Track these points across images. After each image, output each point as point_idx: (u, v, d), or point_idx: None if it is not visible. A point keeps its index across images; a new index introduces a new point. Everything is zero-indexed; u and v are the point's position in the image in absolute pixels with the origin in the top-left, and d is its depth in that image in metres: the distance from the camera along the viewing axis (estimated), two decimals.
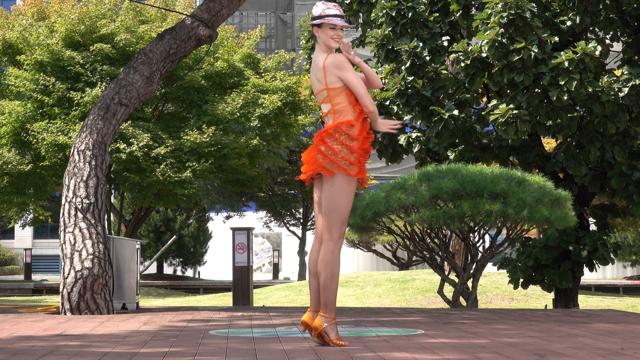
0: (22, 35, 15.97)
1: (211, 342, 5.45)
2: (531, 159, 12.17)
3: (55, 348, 5.08)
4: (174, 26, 9.17)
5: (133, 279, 9.00)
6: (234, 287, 13.18)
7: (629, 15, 11.57)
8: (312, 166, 5.14)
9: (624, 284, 25.80)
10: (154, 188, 15.72)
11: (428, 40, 11.75)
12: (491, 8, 10.58)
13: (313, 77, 5.22)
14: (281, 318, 7.62)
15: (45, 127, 14.83)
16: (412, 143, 12.57)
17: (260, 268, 35.62)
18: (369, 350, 4.89)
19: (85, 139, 8.63)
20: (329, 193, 5.12)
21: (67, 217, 8.39)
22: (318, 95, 5.19)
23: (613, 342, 5.41)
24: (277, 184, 28.16)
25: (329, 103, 5.14)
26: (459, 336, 5.82)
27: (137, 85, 8.89)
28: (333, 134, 5.09)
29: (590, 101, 10.61)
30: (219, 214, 30.79)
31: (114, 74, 15.11)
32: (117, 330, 6.36)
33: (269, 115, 16.03)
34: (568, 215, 9.88)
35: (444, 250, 10.53)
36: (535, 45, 10.39)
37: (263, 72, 17.18)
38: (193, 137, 15.22)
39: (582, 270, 12.33)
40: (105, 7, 16.20)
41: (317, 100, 5.24)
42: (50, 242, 39.87)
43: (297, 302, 17.98)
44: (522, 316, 8.00)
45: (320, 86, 5.17)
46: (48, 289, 26.16)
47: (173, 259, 31.92)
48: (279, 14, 41.47)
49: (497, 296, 17.39)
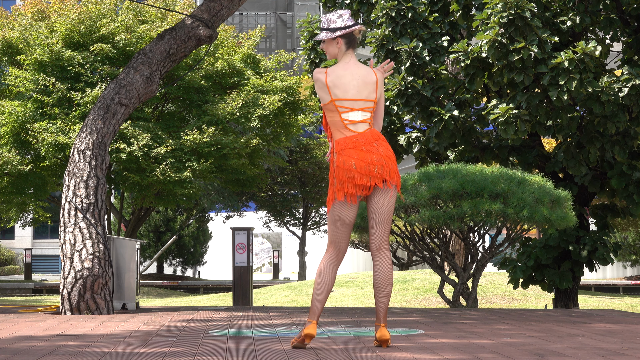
0: (22, 35, 15.98)
1: (211, 342, 5.45)
2: (531, 159, 12.17)
3: (55, 348, 5.08)
4: (174, 26, 9.17)
5: (133, 279, 9.00)
6: (234, 287, 13.18)
7: (629, 15, 11.57)
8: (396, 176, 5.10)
9: (624, 284, 25.81)
10: (154, 188, 15.73)
11: (428, 40, 11.74)
12: (491, 8, 10.58)
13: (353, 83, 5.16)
14: (281, 318, 7.62)
15: (45, 127, 14.83)
16: (412, 143, 12.57)
17: (260, 268, 35.63)
18: (369, 350, 4.89)
19: (85, 139, 8.63)
20: (392, 201, 5.10)
21: (67, 217, 8.39)
22: (359, 103, 5.14)
23: (613, 342, 5.41)
24: (277, 184, 28.18)
25: (369, 113, 5.14)
26: (459, 336, 5.82)
27: (137, 85, 8.89)
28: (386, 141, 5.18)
29: (590, 101, 10.61)
30: (219, 214, 30.81)
31: (114, 74, 15.11)
32: (117, 330, 6.36)
33: (269, 116, 16.04)
34: (568, 215, 9.88)
35: (444, 250, 10.53)
36: (535, 45, 10.39)
37: (263, 72, 17.19)
38: (193, 137, 15.22)
39: (582, 270, 12.33)
40: (105, 7, 16.20)
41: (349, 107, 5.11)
42: (50, 242, 39.88)
43: (297, 302, 17.98)
44: (522, 316, 8.00)
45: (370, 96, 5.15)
46: (48, 289, 26.17)
47: (173, 259, 31.93)
48: (279, 14, 41.48)
49: (497, 296, 17.39)
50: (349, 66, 5.18)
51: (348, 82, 5.13)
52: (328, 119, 5.17)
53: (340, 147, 5.09)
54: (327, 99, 5.12)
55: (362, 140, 5.08)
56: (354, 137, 5.08)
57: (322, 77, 5.14)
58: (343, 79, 5.14)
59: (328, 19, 5.25)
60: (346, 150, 5.05)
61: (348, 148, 5.06)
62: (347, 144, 5.07)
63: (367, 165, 5.02)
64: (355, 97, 5.12)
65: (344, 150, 5.06)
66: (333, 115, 5.13)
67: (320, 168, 27.24)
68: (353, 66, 5.18)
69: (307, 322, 5.04)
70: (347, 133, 5.10)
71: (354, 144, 5.07)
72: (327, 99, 5.12)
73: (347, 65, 5.18)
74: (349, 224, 5.11)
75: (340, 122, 5.11)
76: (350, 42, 5.20)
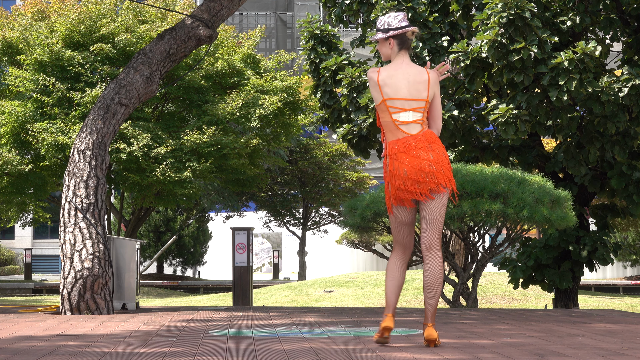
0: (22, 35, 15.97)
1: (211, 342, 5.45)
2: (531, 159, 12.17)
3: (55, 348, 5.08)
4: (174, 26, 9.17)
5: (133, 279, 9.00)
6: (234, 287, 13.18)
7: (629, 15, 11.57)
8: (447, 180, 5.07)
9: (624, 284, 25.81)
10: (154, 188, 15.73)
11: (428, 40, 11.74)
12: (491, 8, 10.57)
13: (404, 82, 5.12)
14: (281, 318, 7.62)
15: (45, 128, 14.83)
16: None
17: (260, 268, 35.62)
18: (369, 351, 4.89)
19: (85, 139, 8.63)
20: (443, 202, 5.10)
21: (67, 217, 8.39)
22: (410, 103, 5.10)
23: (613, 342, 5.41)
24: (277, 184, 28.17)
25: (420, 113, 5.11)
26: (459, 336, 5.82)
27: (137, 85, 8.89)
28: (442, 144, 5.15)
29: (590, 101, 10.61)
30: (219, 214, 30.80)
31: (114, 74, 15.11)
32: (117, 330, 6.36)
33: (269, 116, 16.03)
34: (568, 215, 9.88)
35: (444, 250, 10.53)
36: (535, 45, 10.39)
37: (263, 72, 17.18)
38: (193, 137, 15.22)
39: (582, 270, 12.33)
40: (105, 7, 16.19)
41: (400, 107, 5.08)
42: (50, 242, 39.87)
43: (297, 302, 17.98)
44: (522, 316, 8.00)
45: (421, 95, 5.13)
46: (48, 289, 26.17)
47: (173, 259, 31.92)
48: (279, 14, 41.48)
49: (497, 296, 17.39)
50: (401, 66, 5.16)
51: (399, 81, 5.11)
52: (380, 120, 5.16)
53: (392, 151, 5.08)
54: (379, 98, 5.11)
55: (414, 144, 5.05)
56: (405, 139, 5.06)
57: (375, 75, 5.13)
58: (394, 78, 5.12)
59: (383, 20, 5.23)
60: (398, 155, 5.04)
61: (400, 152, 5.04)
62: (399, 147, 5.05)
63: (418, 172, 5.01)
64: (406, 97, 5.09)
65: (396, 154, 5.05)
66: (384, 116, 5.11)
67: (320, 168, 27.24)
68: (405, 66, 5.16)
69: (383, 316, 5.08)
70: (399, 135, 5.07)
71: (406, 147, 5.04)
72: (379, 99, 5.11)
73: (399, 65, 5.17)
74: (409, 225, 5.15)
75: (391, 122, 5.08)
76: (402, 43, 5.19)
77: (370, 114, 11.91)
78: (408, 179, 5.01)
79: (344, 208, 10.66)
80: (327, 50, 13.09)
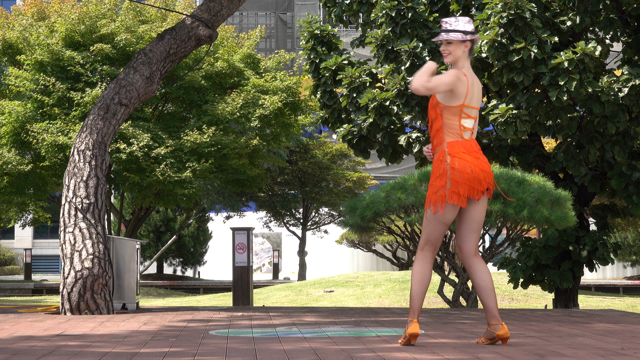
0: (22, 35, 15.97)
1: (211, 342, 5.45)
2: (531, 159, 12.17)
3: (55, 348, 5.08)
4: (174, 26, 9.17)
5: (133, 279, 9.00)
6: (234, 287, 13.18)
7: (629, 15, 11.57)
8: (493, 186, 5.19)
9: (624, 284, 25.81)
10: (154, 188, 15.72)
11: (428, 40, 11.75)
12: (491, 8, 10.58)
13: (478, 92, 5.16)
14: (281, 318, 7.62)
15: (45, 128, 14.83)
16: (412, 143, 12.57)
17: (260, 268, 35.61)
18: (369, 351, 4.89)
19: (85, 139, 8.63)
20: (485, 210, 5.19)
21: (67, 217, 8.39)
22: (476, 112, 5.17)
23: (613, 342, 5.41)
24: (277, 184, 28.16)
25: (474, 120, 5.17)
26: (459, 336, 5.82)
27: (137, 85, 8.89)
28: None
29: (590, 101, 10.61)
30: (219, 214, 30.79)
31: (114, 74, 15.11)
32: (117, 330, 6.36)
33: (269, 116, 16.03)
34: (568, 215, 9.88)
35: (444, 250, 10.52)
36: (535, 45, 10.39)
37: (263, 72, 17.18)
38: (193, 137, 15.22)
39: (582, 270, 12.33)
40: (105, 7, 16.19)
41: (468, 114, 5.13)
42: (50, 242, 39.86)
43: (297, 302, 17.98)
44: (522, 316, 8.00)
45: (479, 106, 5.20)
46: (48, 289, 26.16)
47: (173, 259, 31.91)
48: (279, 14, 41.48)
49: (497, 296, 17.39)
50: (473, 73, 5.19)
51: (476, 90, 5.16)
52: (444, 120, 5.12)
53: (455, 150, 5.09)
54: (459, 101, 5.08)
55: (473, 147, 5.12)
56: (468, 142, 5.11)
57: (465, 79, 5.10)
58: (474, 86, 5.16)
59: (451, 21, 5.18)
60: (462, 155, 5.07)
61: (463, 152, 5.07)
62: (461, 148, 5.08)
63: (481, 171, 5.08)
64: (476, 106, 5.17)
65: (460, 153, 5.07)
66: (452, 118, 5.10)
67: (320, 168, 27.23)
68: (473, 74, 5.20)
69: (409, 322, 5.06)
70: (460, 138, 5.11)
71: (468, 149, 5.09)
72: (459, 102, 5.08)
73: (472, 73, 5.19)
74: (448, 225, 5.17)
75: (457, 126, 5.10)
76: (471, 49, 5.20)
77: (370, 114, 11.91)
78: (474, 176, 5.06)
79: (344, 208, 10.66)
80: (327, 50, 13.10)
